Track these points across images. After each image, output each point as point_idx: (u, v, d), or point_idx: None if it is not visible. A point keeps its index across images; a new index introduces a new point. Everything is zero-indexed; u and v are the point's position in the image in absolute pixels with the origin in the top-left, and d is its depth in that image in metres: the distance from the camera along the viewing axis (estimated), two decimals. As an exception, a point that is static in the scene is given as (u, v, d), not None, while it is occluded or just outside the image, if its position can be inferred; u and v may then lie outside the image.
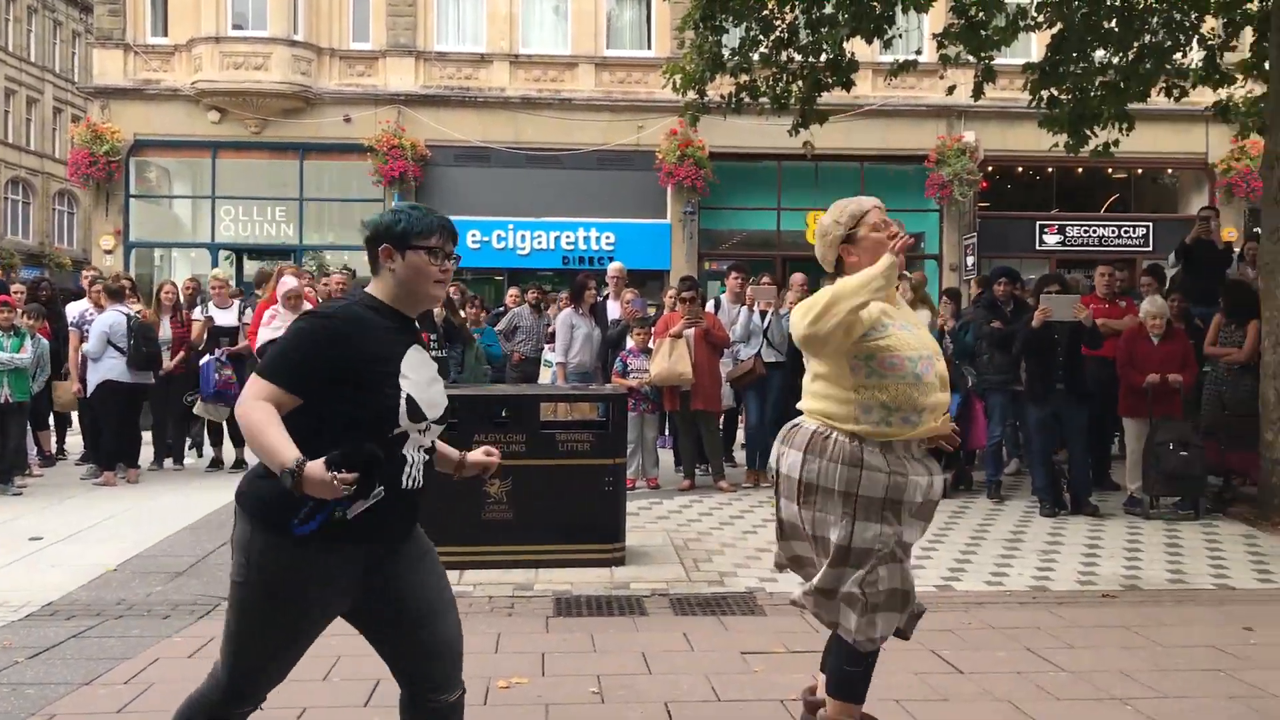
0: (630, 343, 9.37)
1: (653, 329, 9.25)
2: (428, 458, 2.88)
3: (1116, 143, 12.57)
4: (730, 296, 9.91)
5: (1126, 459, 8.73)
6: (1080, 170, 18.12)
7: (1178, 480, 7.91)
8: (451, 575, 6.11)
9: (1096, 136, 12.41)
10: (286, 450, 2.53)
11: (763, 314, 9.59)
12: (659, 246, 18.90)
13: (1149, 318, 8.39)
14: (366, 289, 2.87)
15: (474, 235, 18.80)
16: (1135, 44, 11.87)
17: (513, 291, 12.31)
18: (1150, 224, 19.24)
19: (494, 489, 6.39)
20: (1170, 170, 19.89)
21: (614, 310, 10.33)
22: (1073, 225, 19.20)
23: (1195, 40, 12.23)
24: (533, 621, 5.42)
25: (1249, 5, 11.47)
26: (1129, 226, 19.38)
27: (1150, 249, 18.52)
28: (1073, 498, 8.27)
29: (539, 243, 18.85)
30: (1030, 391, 8.24)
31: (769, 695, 4.33)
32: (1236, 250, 11.84)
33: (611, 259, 16.57)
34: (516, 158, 18.90)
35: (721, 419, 9.82)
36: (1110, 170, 18.90)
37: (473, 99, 19.22)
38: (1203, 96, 13.34)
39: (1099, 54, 12.17)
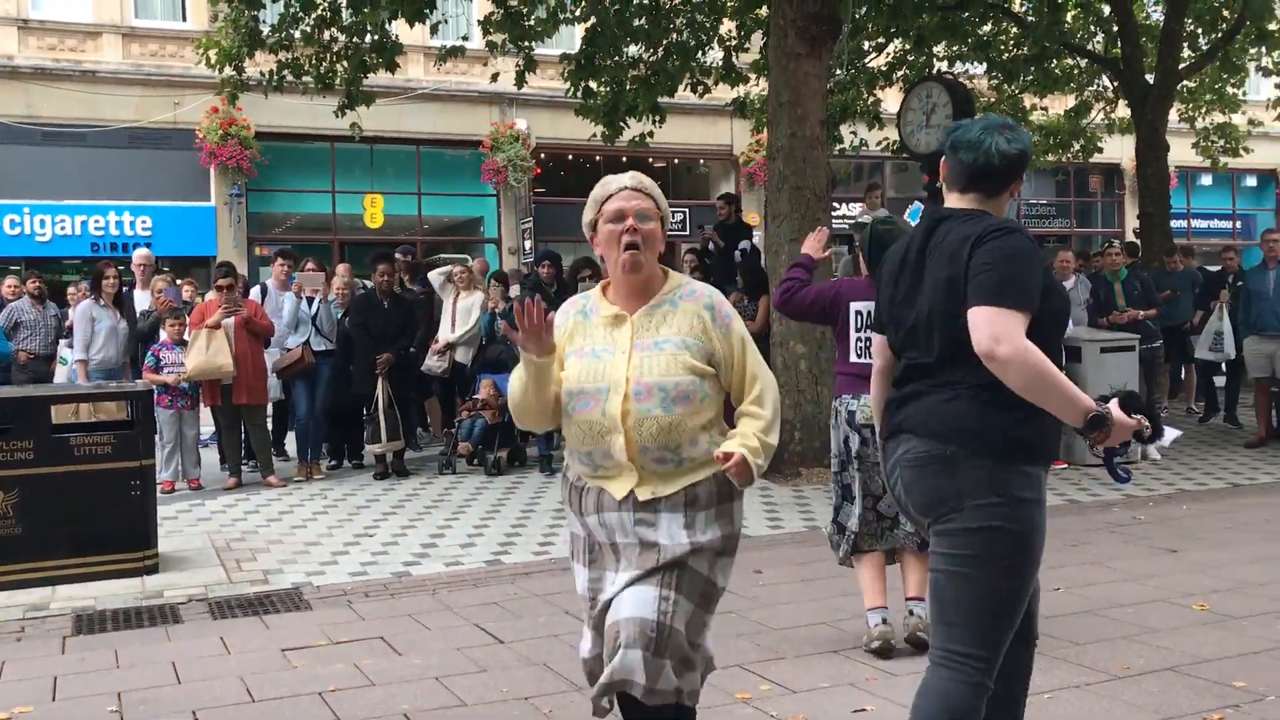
0: (164, 335, 8.74)
1: (188, 319, 8.67)
2: None
3: (651, 134, 13.50)
4: (276, 283, 9.52)
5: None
6: (625, 159, 19.19)
7: (704, 443, 8.65)
8: (-58, 603, 5.47)
9: (630, 127, 13.24)
10: (1083, 394, 2.56)
11: (310, 300, 9.31)
12: (203, 231, 17.74)
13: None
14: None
15: (-18, 220, 16.68)
16: (664, 42, 12.78)
17: (9, 282, 10.85)
18: (687, 210, 20.75)
19: (-3, 502, 5.73)
20: (702, 160, 21.61)
21: (143, 301, 9.56)
22: (620, 210, 20.33)
23: (715, 41, 13.37)
24: (47, 644, 4.92)
25: (759, 11, 12.70)
26: (669, 211, 20.84)
27: (686, 233, 19.99)
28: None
29: (62, 228, 17.03)
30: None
31: (308, 689, 4.22)
32: (758, 235, 13.05)
33: (148, 245, 15.34)
34: (30, 134, 16.93)
35: (269, 411, 9.43)
36: (651, 159, 20.17)
37: (-27, 67, 17.00)
38: (725, 93, 14.64)
39: (631, 49, 12.97)
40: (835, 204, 19.51)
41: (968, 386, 2.62)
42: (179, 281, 10.33)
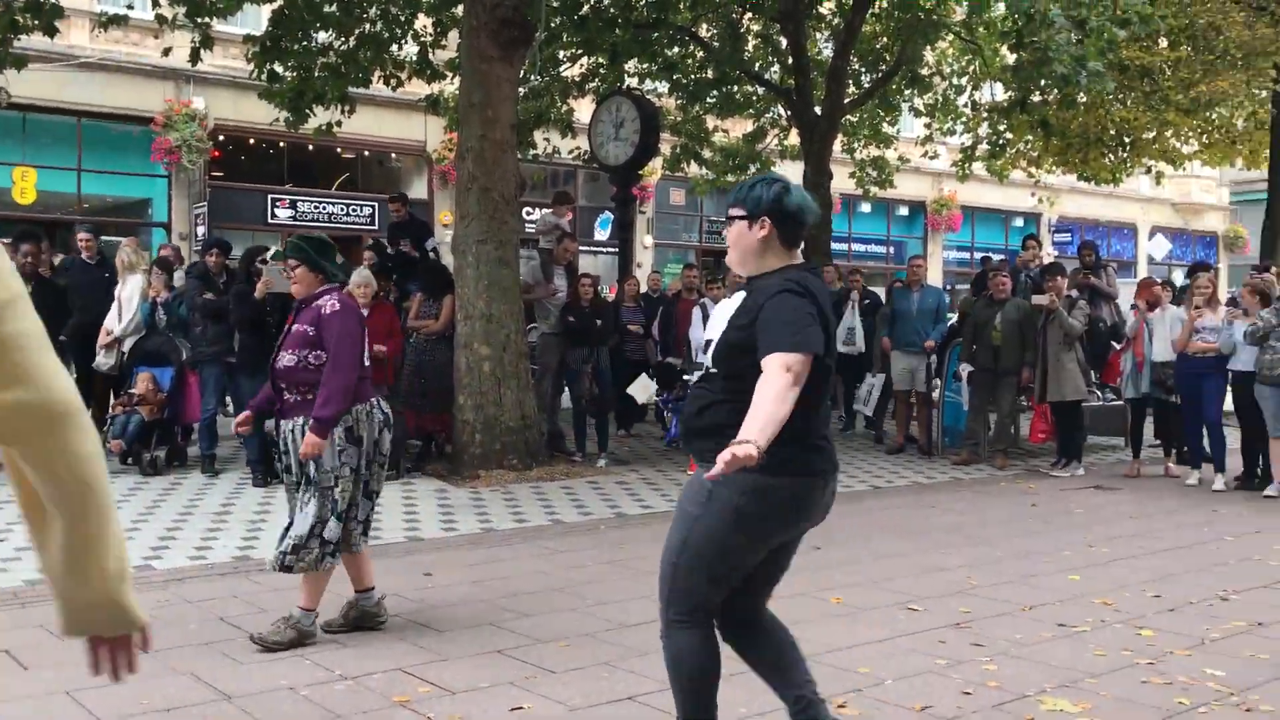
0: None
1: None
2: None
3: (339, 123, 13.11)
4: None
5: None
6: (311, 147, 18.51)
7: (381, 444, 8.49)
8: None
9: (318, 115, 12.81)
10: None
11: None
12: None
13: (355, 287, 8.83)
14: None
15: None
16: (356, 31, 12.44)
17: None
18: (376, 204, 20.32)
19: None
20: (394, 155, 21.21)
21: None
22: (304, 200, 19.58)
23: (411, 35, 13.17)
24: None
25: (456, 9, 12.62)
26: (357, 205, 20.30)
27: (376, 227, 19.57)
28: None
29: None
30: (241, 363, 8.25)
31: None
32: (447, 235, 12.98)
33: None
34: None
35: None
36: (340, 150, 19.60)
37: None
38: (421, 88, 14.44)
39: (322, 36, 12.55)
40: (530, 209, 19.74)
41: None
42: None
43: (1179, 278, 17.75)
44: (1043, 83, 12.66)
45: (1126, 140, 17.16)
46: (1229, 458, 9.34)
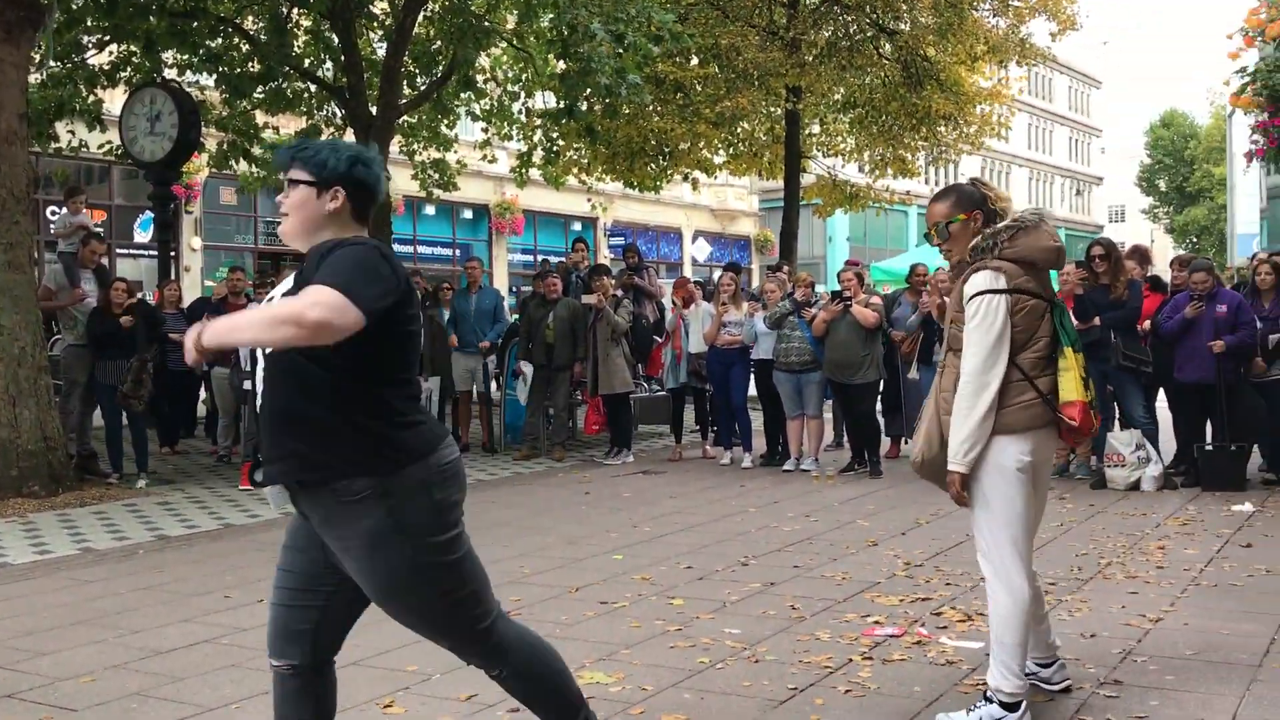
0: None
1: None
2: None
3: None
4: None
5: None
6: None
7: None
8: None
9: None
10: None
11: None
12: None
13: None
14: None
15: None
16: None
17: None
18: None
19: None
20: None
21: None
22: None
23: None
24: None
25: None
26: None
27: None
28: None
29: None
30: None
31: None
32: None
33: None
34: None
35: None
36: None
37: None
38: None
39: None
40: (55, 208, 17.87)
41: None
42: None
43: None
44: (588, 92, 13.35)
45: (666, 150, 18.48)
46: (755, 438, 10.37)
